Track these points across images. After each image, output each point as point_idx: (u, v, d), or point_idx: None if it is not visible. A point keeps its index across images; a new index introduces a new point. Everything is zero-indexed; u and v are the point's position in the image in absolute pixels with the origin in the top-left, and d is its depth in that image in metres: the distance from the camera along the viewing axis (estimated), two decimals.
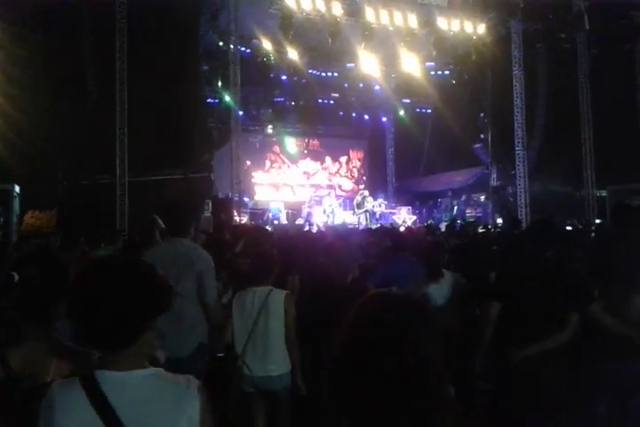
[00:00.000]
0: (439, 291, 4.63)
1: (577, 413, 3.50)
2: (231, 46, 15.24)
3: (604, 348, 3.51)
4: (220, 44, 16.21)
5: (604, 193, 17.84)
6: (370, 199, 18.46)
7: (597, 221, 15.34)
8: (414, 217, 19.03)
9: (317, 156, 23.16)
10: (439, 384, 1.21)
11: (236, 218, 14.43)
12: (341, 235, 7.21)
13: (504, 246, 6.77)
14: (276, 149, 22.06)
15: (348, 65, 18.90)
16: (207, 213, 14.02)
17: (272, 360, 3.69)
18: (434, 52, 17.24)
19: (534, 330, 3.39)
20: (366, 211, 18.21)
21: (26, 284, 1.89)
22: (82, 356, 1.79)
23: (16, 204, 12.31)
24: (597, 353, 3.52)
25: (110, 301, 1.41)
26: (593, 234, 8.96)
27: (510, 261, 5.00)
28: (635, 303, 3.55)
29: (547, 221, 4.03)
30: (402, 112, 22.23)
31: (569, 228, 10.96)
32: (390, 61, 18.20)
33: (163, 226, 7.32)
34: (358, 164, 23.98)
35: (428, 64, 18.88)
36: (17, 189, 12.18)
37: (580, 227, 12.02)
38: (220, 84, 17.26)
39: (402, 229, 12.26)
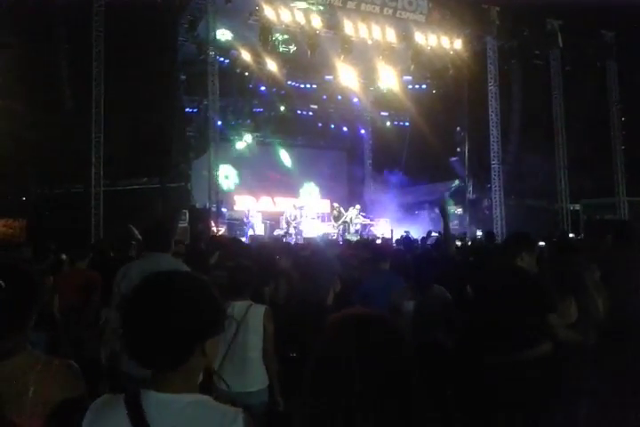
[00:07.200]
0: (426, 304, 4.54)
1: (558, 412, 3.54)
2: (210, 56, 15.19)
3: (564, 355, 3.56)
4: (200, 54, 16.14)
5: (577, 207, 18.17)
6: (344, 211, 18.61)
7: (571, 235, 15.57)
8: (392, 229, 19.05)
9: (295, 167, 23.08)
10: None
11: (214, 229, 14.28)
12: (319, 249, 7.10)
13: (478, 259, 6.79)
14: (255, 159, 21.93)
15: (327, 77, 19.02)
16: (184, 224, 13.86)
17: (250, 375, 3.62)
18: (411, 66, 17.51)
19: (505, 338, 3.46)
20: (344, 222, 18.30)
21: None
22: (64, 366, 1.70)
23: None
24: (560, 360, 3.56)
25: (156, 318, 1.37)
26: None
27: (481, 272, 5.06)
28: (588, 312, 3.64)
29: (521, 233, 4.15)
30: (379, 124, 22.43)
31: (542, 243, 11.03)
32: (368, 74, 18.38)
33: (138, 236, 7.20)
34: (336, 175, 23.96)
35: (405, 78, 19.13)
36: None
37: (555, 240, 12.13)
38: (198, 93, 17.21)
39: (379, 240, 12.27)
